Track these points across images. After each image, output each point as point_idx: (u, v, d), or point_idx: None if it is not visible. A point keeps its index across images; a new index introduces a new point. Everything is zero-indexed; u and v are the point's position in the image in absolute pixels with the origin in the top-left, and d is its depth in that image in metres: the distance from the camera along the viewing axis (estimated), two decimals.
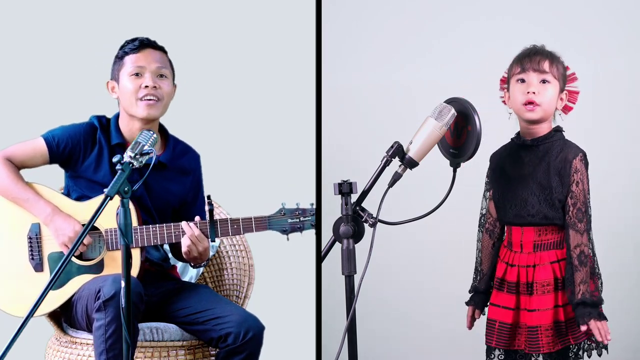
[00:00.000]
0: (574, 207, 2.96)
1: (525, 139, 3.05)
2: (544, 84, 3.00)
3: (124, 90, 3.26)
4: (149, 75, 3.25)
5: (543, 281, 2.99)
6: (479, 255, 3.18)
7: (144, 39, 3.30)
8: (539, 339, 2.96)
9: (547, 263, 3.00)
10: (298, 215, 3.17)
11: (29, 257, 3.22)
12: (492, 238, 3.15)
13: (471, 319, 3.17)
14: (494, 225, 3.15)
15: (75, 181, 3.29)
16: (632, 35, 3.88)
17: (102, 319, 3.00)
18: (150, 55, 3.28)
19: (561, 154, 2.99)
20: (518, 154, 3.06)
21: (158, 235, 3.17)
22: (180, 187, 3.34)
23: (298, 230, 3.17)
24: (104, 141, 3.28)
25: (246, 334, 3.11)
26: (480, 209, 3.19)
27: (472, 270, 3.20)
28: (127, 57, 3.28)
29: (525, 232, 3.03)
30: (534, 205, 3.00)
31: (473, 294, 3.17)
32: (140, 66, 3.26)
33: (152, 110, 3.24)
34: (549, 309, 2.98)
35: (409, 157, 2.82)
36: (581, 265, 2.94)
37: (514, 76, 3.03)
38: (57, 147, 3.25)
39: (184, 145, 3.39)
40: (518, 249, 3.05)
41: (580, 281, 2.93)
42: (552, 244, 3.01)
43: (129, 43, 3.29)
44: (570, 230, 2.96)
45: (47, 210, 3.21)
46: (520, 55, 3.05)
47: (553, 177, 2.98)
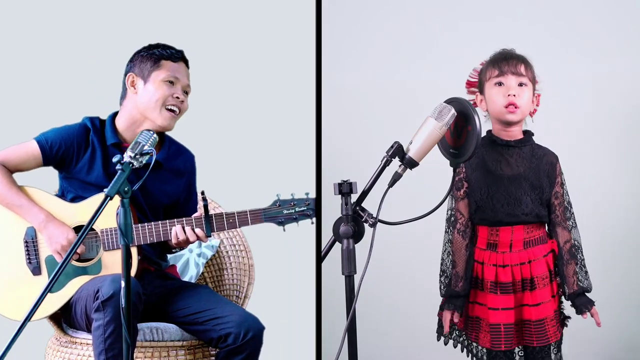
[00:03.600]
0: (561, 207, 3.13)
1: (509, 140, 3.10)
2: (521, 87, 3.09)
3: (152, 92, 3.25)
4: (180, 88, 3.27)
5: (542, 275, 3.11)
6: (449, 257, 3.17)
7: (182, 52, 3.31)
8: (547, 330, 3.08)
9: (540, 257, 3.11)
10: (293, 205, 3.17)
11: (26, 260, 3.22)
12: (465, 239, 3.15)
13: (450, 322, 3.16)
14: (466, 226, 3.15)
15: (69, 182, 3.28)
16: (632, 35, 3.88)
17: (101, 319, 3.00)
18: (184, 70, 3.31)
19: (545, 157, 3.12)
20: (500, 153, 3.11)
21: (154, 233, 3.17)
22: (173, 188, 3.34)
23: (294, 221, 3.17)
24: (97, 142, 3.27)
25: (246, 334, 3.11)
26: (446, 210, 3.18)
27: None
28: (165, 62, 3.26)
29: (515, 231, 3.10)
30: (527, 204, 3.08)
31: (451, 298, 3.15)
32: (178, 77, 3.26)
33: (172, 122, 3.27)
34: (550, 301, 3.10)
35: (409, 157, 2.82)
36: (572, 258, 3.12)
37: (491, 79, 3.10)
38: (50, 150, 3.24)
39: (179, 146, 3.39)
40: (506, 249, 3.10)
41: (572, 273, 3.10)
42: (540, 240, 3.13)
43: (167, 48, 3.29)
44: (558, 227, 3.13)
45: (40, 217, 3.20)
46: (495, 59, 3.13)
47: (543, 177, 3.10)
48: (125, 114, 3.30)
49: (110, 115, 3.32)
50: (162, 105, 3.24)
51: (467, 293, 3.14)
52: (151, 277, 3.30)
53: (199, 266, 3.63)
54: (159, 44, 3.31)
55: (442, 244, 3.19)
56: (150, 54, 3.28)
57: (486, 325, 3.12)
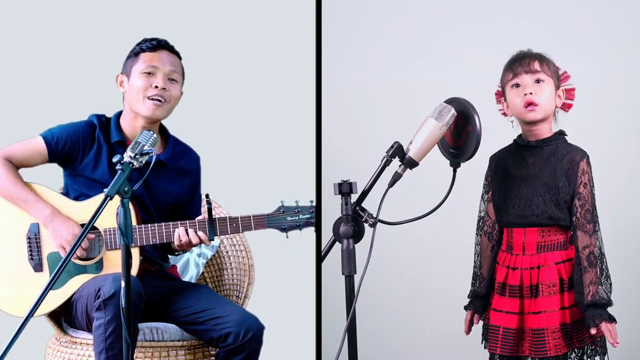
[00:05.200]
0: (582, 209, 2.96)
1: (530, 140, 3.04)
2: (539, 83, 3.01)
3: (133, 86, 3.26)
4: (161, 76, 3.25)
5: (549, 282, 2.97)
6: (477, 259, 3.16)
7: (162, 40, 3.30)
8: (546, 342, 2.94)
9: (552, 264, 2.99)
10: (297, 212, 3.17)
11: (29, 257, 3.22)
12: (490, 241, 3.13)
13: (469, 323, 3.14)
14: (493, 228, 3.12)
15: (74, 179, 3.29)
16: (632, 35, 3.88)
17: (101, 318, 3.00)
18: (166, 57, 3.28)
19: (567, 155, 2.99)
20: (521, 155, 3.06)
21: (157, 234, 3.17)
22: (178, 188, 3.34)
23: (297, 228, 3.17)
24: (103, 139, 3.28)
25: (246, 334, 3.11)
26: (478, 212, 3.18)
27: (471, 270, 3.19)
28: (143, 54, 3.27)
29: (527, 233, 3.01)
30: (538, 205, 2.99)
31: (473, 299, 3.14)
32: (154, 66, 3.26)
33: (158, 111, 3.25)
34: (555, 311, 2.96)
35: (409, 157, 2.82)
36: (590, 266, 2.93)
37: (508, 83, 3.04)
38: (56, 146, 3.25)
39: (184, 146, 3.39)
40: (520, 252, 3.03)
41: (589, 282, 2.91)
42: (557, 245, 3.00)
43: (147, 41, 3.29)
44: (579, 231, 2.95)
45: (46, 212, 3.21)
46: (509, 62, 3.07)
47: (560, 177, 2.98)
48: (125, 112, 3.32)
49: (116, 114, 3.34)
50: (143, 97, 3.24)
51: (486, 295, 3.10)
52: (152, 277, 3.30)
53: (199, 266, 3.63)
54: (143, 39, 3.31)
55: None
56: (132, 51, 3.31)
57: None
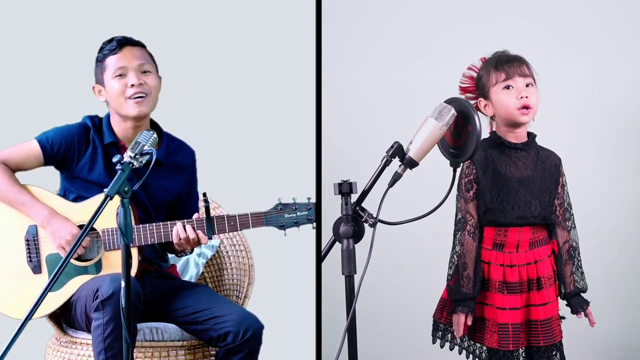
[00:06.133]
0: (561, 207, 3.14)
1: (517, 143, 3.10)
2: (529, 87, 3.08)
3: (111, 92, 3.25)
4: (133, 73, 3.24)
5: (547, 275, 3.13)
6: (459, 260, 3.12)
7: (121, 38, 3.28)
8: (553, 329, 3.10)
9: (545, 258, 3.13)
10: (295, 210, 3.17)
11: (27, 259, 3.22)
12: (475, 240, 3.11)
13: (466, 326, 3.12)
14: (476, 227, 3.12)
15: (71, 182, 3.29)
16: (632, 35, 3.88)
17: (100, 319, 3.00)
18: (131, 53, 3.27)
19: (549, 158, 3.13)
20: (508, 156, 3.10)
21: (155, 234, 3.17)
22: (175, 184, 3.34)
23: (295, 225, 3.17)
24: (98, 141, 3.27)
25: (245, 333, 3.11)
26: (456, 212, 3.14)
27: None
28: (108, 59, 3.26)
29: (522, 232, 3.10)
30: (537, 206, 3.09)
31: (465, 300, 3.11)
32: (122, 66, 3.25)
33: (142, 107, 3.24)
34: (555, 300, 3.14)
35: (409, 157, 2.82)
36: (570, 259, 3.15)
37: (498, 84, 3.08)
38: (51, 149, 3.25)
39: (179, 142, 3.39)
40: (513, 249, 3.10)
41: (570, 273, 3.15)
42: (544, 240, 3.15)
43: (107, 44, 3.28)
44: (558, 228, 3.15)
45: (43, 213, 3.21)
46: (498, 63, 3.10)
47: (549, 180, 3.12)
48: (112, 116, 3.31)
49: (106, 115, 3.33)
50: (124, 99, 3.24)
51: (478, 295, 3.11)
52: (151, 277, 3.30)
53: (199, 266, 3.63)
54: (103, 44, 3.29)
55: (452, 246, 3.16)
56: (97, 59, 3.30)
57: (493, 325, 3.10)
